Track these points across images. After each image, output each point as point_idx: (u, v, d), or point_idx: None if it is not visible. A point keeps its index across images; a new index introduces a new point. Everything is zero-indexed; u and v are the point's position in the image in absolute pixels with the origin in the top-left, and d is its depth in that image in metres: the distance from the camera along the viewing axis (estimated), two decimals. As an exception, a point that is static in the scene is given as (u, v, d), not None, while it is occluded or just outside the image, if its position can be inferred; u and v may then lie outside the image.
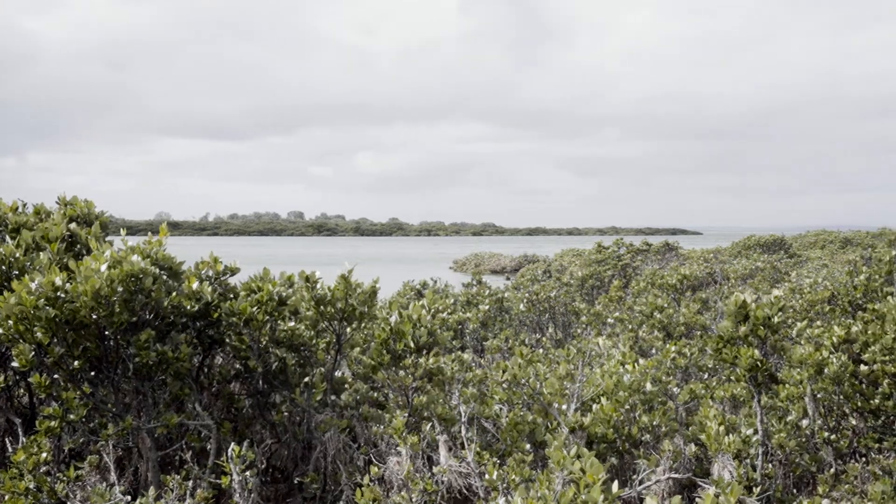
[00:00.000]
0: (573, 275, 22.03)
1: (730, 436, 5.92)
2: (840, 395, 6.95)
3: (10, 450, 5.61)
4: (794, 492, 6.65)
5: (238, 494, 5.14)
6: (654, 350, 10.61)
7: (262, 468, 6.41)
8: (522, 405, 6.91)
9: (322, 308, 6.52)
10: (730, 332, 6.38)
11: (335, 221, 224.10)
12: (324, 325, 6.66)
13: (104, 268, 5.19)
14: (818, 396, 7.08)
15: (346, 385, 7.27)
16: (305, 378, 6.64)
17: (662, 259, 28.12)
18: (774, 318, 6.22)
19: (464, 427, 6.13)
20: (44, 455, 5.22)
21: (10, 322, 5.11)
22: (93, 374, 5.58)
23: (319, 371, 6.86)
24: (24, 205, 6.75)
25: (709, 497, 3.64)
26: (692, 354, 8.90)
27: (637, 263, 26.00)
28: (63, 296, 5.15)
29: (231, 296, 6.35)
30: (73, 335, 5.35)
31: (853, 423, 6.96)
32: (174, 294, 5.68)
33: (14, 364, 5.29)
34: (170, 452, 6.11)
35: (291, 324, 6.52)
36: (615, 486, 3.71)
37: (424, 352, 6.59)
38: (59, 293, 5.14)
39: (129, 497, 5.07)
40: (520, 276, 27.64)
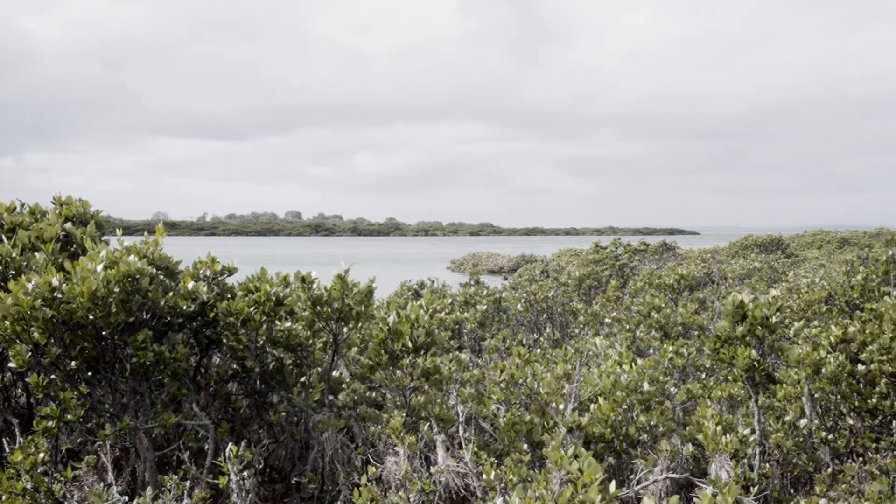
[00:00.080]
0: (571, 275, 22.05)
1: (727, 436, 5.92)
2: (837, 395, 6.96)
3: (8, 450, 5.61)
4: (792, 492, 6.66)
5: (235, 494, 5.13)
6: (652, 350, 10.62)
7: (260, 468, 6.40)
8: (520, 405, 6.91)
9: (318, 308, 6.52)
10: (727, 332, 6.38)
11: (333, 221, 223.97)
12: (320, 325, 6.65)
13: (100, 268, 5.19)
14: (815, 396, 7.09)
15: (344, 385, 7.26)
16: (302, 378, 6.64)
17: (660, 259, 28.15)
18: (772, 318, 6.22)
19: (461, 427, 6.13)
20: (41, 455, 5.22)
21: (7, 323, 5.10)
22: (90, 375, 5.57)
23: (316, 371, 6.86)
24: (23, 205, 6.74)
25: (706, 497, 3.64)
26: (690, 354, 8.91)
27: (634, 263, 26.02)
28: (60, 296, 5.14)
29: (228, 296, 6.34)
30: (70, 335, 5.34)
31: (850, 423, 6.97)
32: (171, 294, 5.68)
33: (11, 364, 5.28)
34: (167, 452, 6.11)
35: (288, 324, 6.52)
36: (612, 486, 3.72)
37: (422, 352, 6.59)
38: (56, 294, 5.14)
39: (127, 497, 5.06)
40: (517, 277, 27.65)
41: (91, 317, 5.20)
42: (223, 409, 6.56)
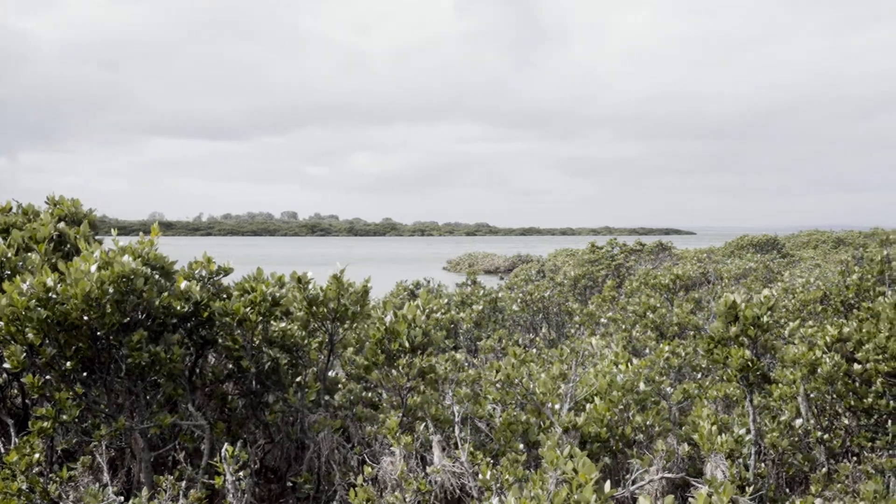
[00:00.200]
0: (566, 275, 22.06)
1: (722, 435, 5.93)
2: (833, 395, 6.98)
3: (3, 450, 5.59)
4: (787, 491, 6.67)
5: (231, 495, 5.13)
6: (648, 350, 10.64)
7: (256, 468, 6.39)
8: (516, 405, 6.91)
9: (314, 308, 6.51)
10: (720, 333, 6.39)
11: (329, 221, 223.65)
12: (316, 325, 6.65)
13: (94, 269, 5.17)
14: (811, 396, 7.10)
15: (340, 385, 7.26)
16: (298, 378, 6.64)
17: (656, 259, 28.18)
18: (764, 318, 6.23)
19: (457, 427, 6.13)
20: (36, 456, 5.20)
21: (2, 323, 5.09)
22: (85, 375, 5.56)
23: (312, 371, 6.85)
24: (19, 205, 6.73)
25: (702, 497, 3.64)
26: (686, 354, 8.92)
27: (630, 263, 26.05)
28: (54, 297, 5.13)
29: (224, 296, 6.33)
30: (65, 336, 5.33)
31: (846, 423, 6.98)
32: (165, 294, 5.66)
33: (6, 365, 5.27)
34: (163, 453, 6.10)
35: (283, 324, 6.52)
36: (608, 486, 3.72)
37: (419, 352, 6.59)
38: (51, 294, 5.12)
39: (122, 498, 5.05)
40: (513, 276, 27.66)
41: (85, 317, 5.19)
42: (219, 410, 6.55)
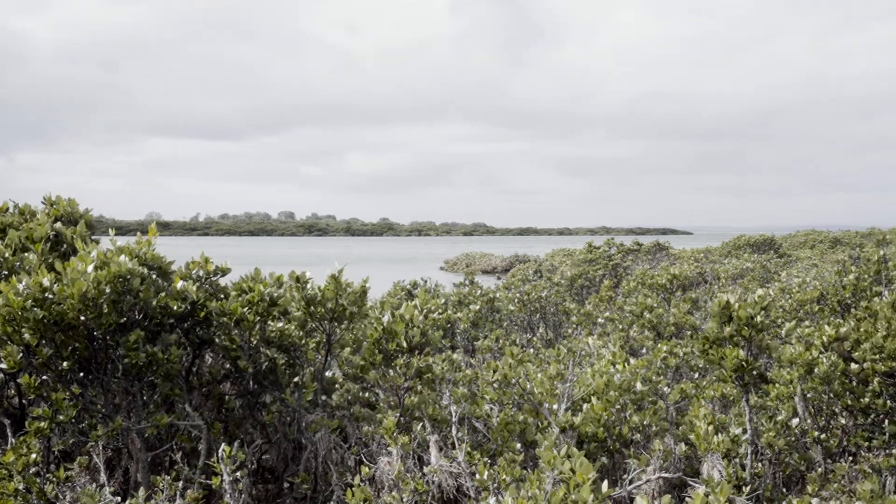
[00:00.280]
0: (563, 275, 22.07)
1: (719, 435, 5.94)
2: (830, 395, 6.99)
3: (0, 451, 5.59)
4: (784, 491, 6.68)
5: (228, 495, 5.12)
6: (645, 350, 10.65)
7: (253, 469, 6.39)
8: (513, 405, 6.92)
9: (312, 308, 6.51)
10: (715, 333, 6.40)
11: (326, 221, 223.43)
12: (313, 325, 6.65)
13: (90, 269, 5.17)
14: (808, 396, 7.11)
15: (337, 385, 7.25)
16: (295, 378, 6.63)
17: (653, 259, 28.21)
18: (758, 318, 6.23)
19: (455, 427, 6.13)
20: (33, 456, 5.20)
21: (-2, 323, 5.09)
22: (82, 375, 5.55)
23: (310, 371, 6.85)
24: (16, 205, 6.72)
25: (698, 496, 3.65)
26: (683, 354, 8.93)
27: (628, 263, 26.06)
28: (50, 297, 5.12)
29: (221, 296, 6.33)
30: (62, 336, 5.33)
31: (843, 423, 6.99)
32: (162, 294, 5.66)
33: (2, 365, 5.26)
34: (160, 453, 6.09)
35: (281, 324, 6.51)
36: (605, 486, 3.73)
37: (416, 352, 6.59)
38: (47, 294, 5.12)
39: (119, 498, 5.05)
40: (510, 276, 27.66)
41: (82, 318, 5.18)
42: (216, 410, 6.55)
